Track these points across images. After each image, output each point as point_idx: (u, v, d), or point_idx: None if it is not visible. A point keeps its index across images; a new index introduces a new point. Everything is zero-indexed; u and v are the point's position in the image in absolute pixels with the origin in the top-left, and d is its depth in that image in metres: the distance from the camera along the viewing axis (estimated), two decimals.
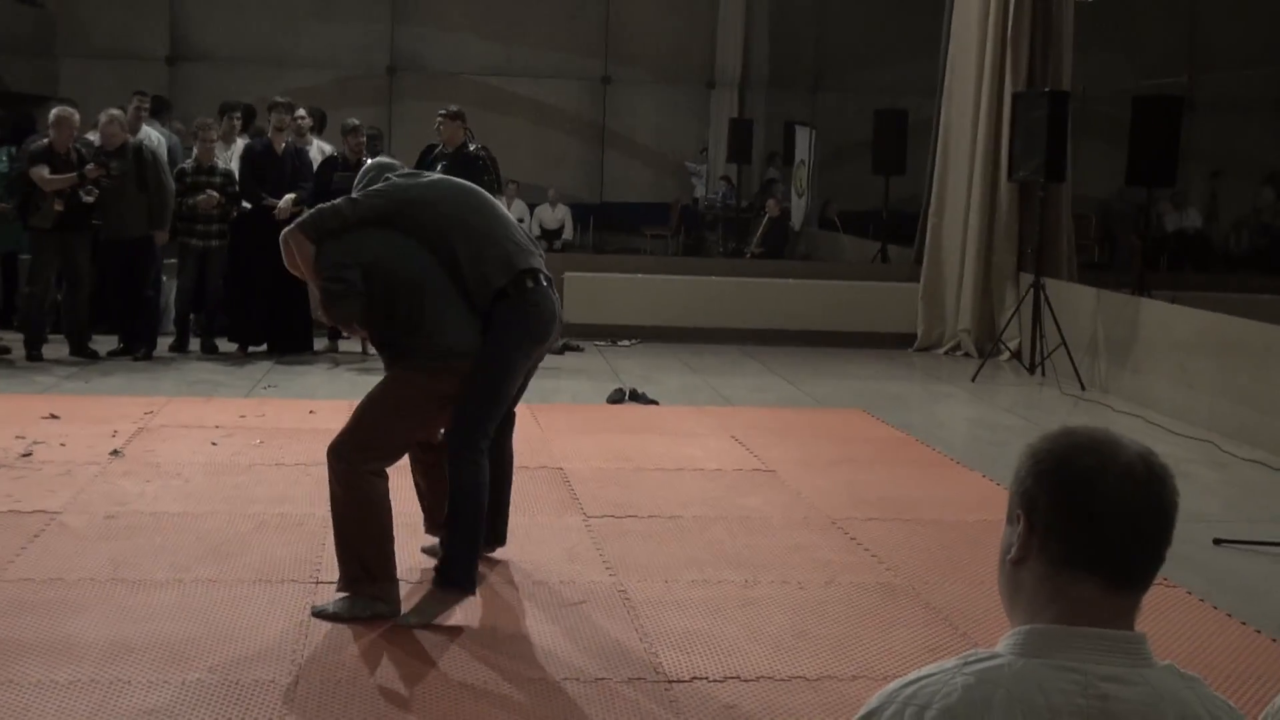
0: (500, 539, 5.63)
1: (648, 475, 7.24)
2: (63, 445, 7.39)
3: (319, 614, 4.90)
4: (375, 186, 5.14)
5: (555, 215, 18.56)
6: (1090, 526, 1.59)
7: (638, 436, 8.20)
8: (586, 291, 12.59)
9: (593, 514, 6.42)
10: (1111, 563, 1.60)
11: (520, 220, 17.68)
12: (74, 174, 10.10)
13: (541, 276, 5.19)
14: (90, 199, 10.13)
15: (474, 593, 5.04)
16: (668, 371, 10.93)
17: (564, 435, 8.14)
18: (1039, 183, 11.33)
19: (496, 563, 5.60)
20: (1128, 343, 10.33)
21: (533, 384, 10.13)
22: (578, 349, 11.89)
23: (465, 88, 19.06)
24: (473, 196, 5.27)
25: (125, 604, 4.99)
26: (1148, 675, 1.58)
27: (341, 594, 4.94)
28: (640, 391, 9.64)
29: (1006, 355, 11.82)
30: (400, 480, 5.29)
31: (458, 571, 4.96)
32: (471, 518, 4.97)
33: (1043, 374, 11.04)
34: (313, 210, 5.11)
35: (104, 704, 4.08)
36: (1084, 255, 15.36)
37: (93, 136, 11.23)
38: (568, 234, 18.67)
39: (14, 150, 10.68)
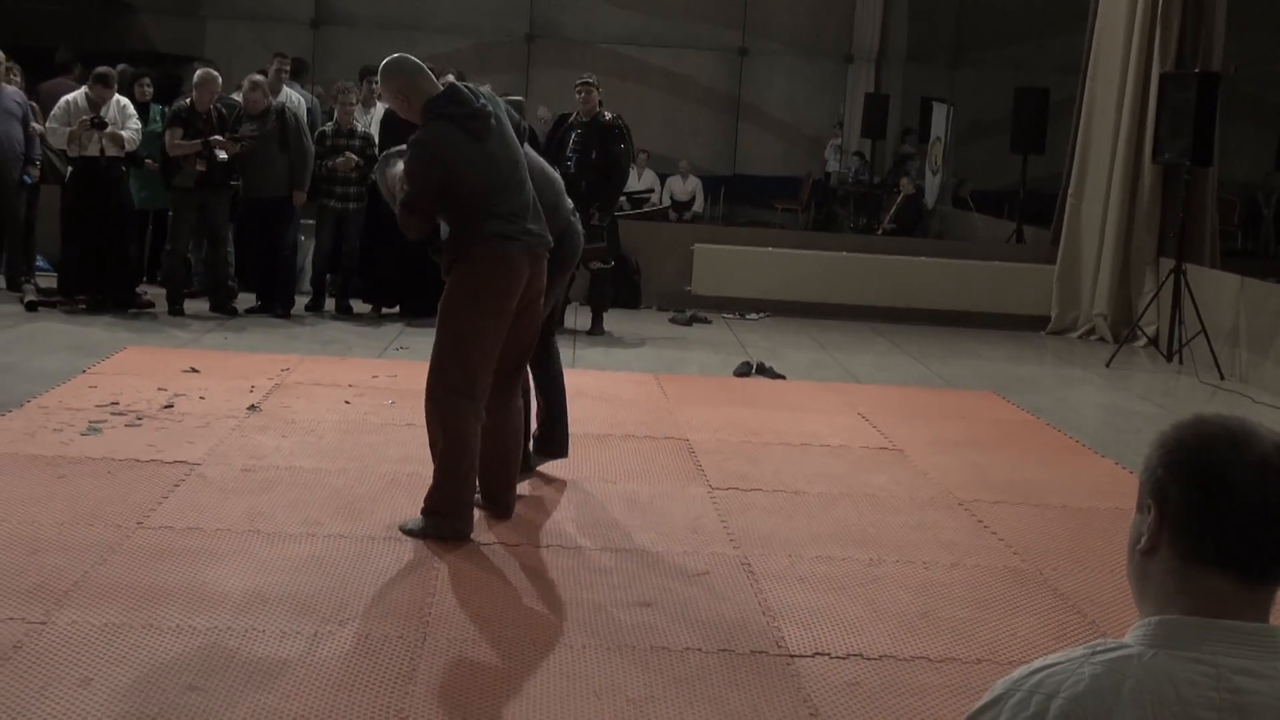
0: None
1: (773, 449, 7.24)
2: (202, 399, 7.60)
3: (404, 530, 5.41)
4: None
5: (686, 187, 18.55)
6: (1223, 520, 1.56)
7: (764, 410, 8.20)
8: (715, 264, 12.59)
9: (717, 486, 6.43)
10: (1245, 557, 1.57)
11: (651, 190, 17.76)
12: (199, 141, 10.33)
13: None
14: (224, 155, 10.35)
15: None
16: (795, 346, 10.89)
17: (690, 406, 8.16)
18: (1184, 166, 11.06)
19: (622, 530, 5.65)
20: (1271, 332, 10.05)
21: (660, 354, 10.25)
22: (705, 321, 11.90)
23: (601, 56, 19.14)
24: None
25: (260, 555, 5.12)
26: None
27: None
28: (767, 365, 9.63)
29: (1143, 341, 11.58)
30: None
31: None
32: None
33: (1180, 362, 10.80)
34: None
35: (239, 651, 4.20)
36: (1227, 241, 15.00)
37: (237, 96, 11.49)
38: (698, 206, 18.65)
39: (165, 109, 10.97)
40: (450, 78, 6.01)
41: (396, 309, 11.13)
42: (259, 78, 11.05)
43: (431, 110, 5.29)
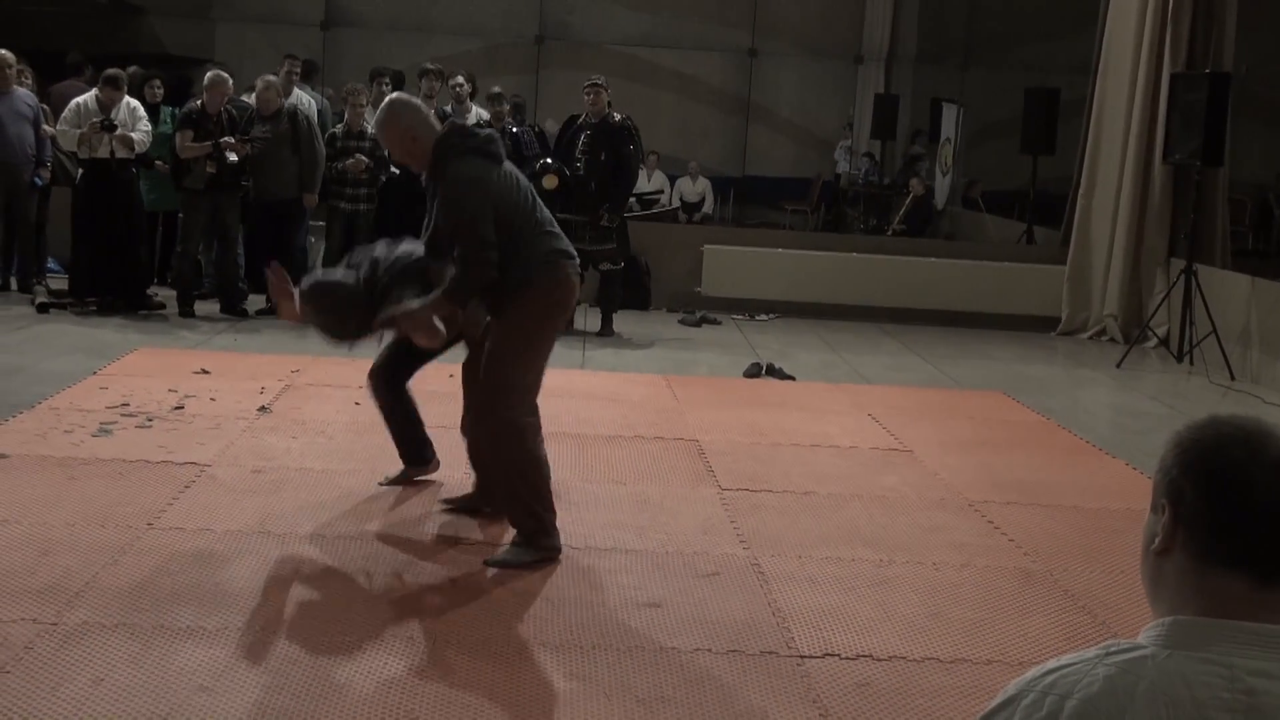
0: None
1: (783, 450, 7.23)
2: (213, 400, 7.61)
3: (493, 564, 5.15)
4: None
5: (696, 188, 18.55)
6: (1238, 522, 1.55)
7: (774, 411, 8.19)
8: (725, 265, 12.58)
9: (727, 487, 6.43)
10: (1260, 559, 1.56)
11: (660, 191, 17.77)
12: (209, 143, 10.34)
13: None
14: (234, 156, 10.36)
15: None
16: (805, 347, 10.88)
17: (700, 408, 8.16)
18: (1195, 166, 11.03)
19: (632, 531, 5.65)
20: None
21: (669, 356, 10.25)
22: (715, 322, 11.90)
23: (611, 58, 19.12)
24: None
25: (271, 556, 5.13)
26: None
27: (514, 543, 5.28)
28: (777, 366, 9.62)
29: (1154, 342, 11.56)
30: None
31: None
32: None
33: (1191, 362, 10.78)
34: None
35: (250, 651, 4.21)
36: (1238, 242, 14.97)
37: (247, 98, 11.51)
38: (708, 207, 18.65)
39: (175, 111, 11.00)
40: (460, 79, 6.00)
41: None
42: (272, 78, 11.07)
43: (451, 148, 5.15)
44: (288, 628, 4.42)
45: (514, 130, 11.45)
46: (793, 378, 9.44)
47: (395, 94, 5.42)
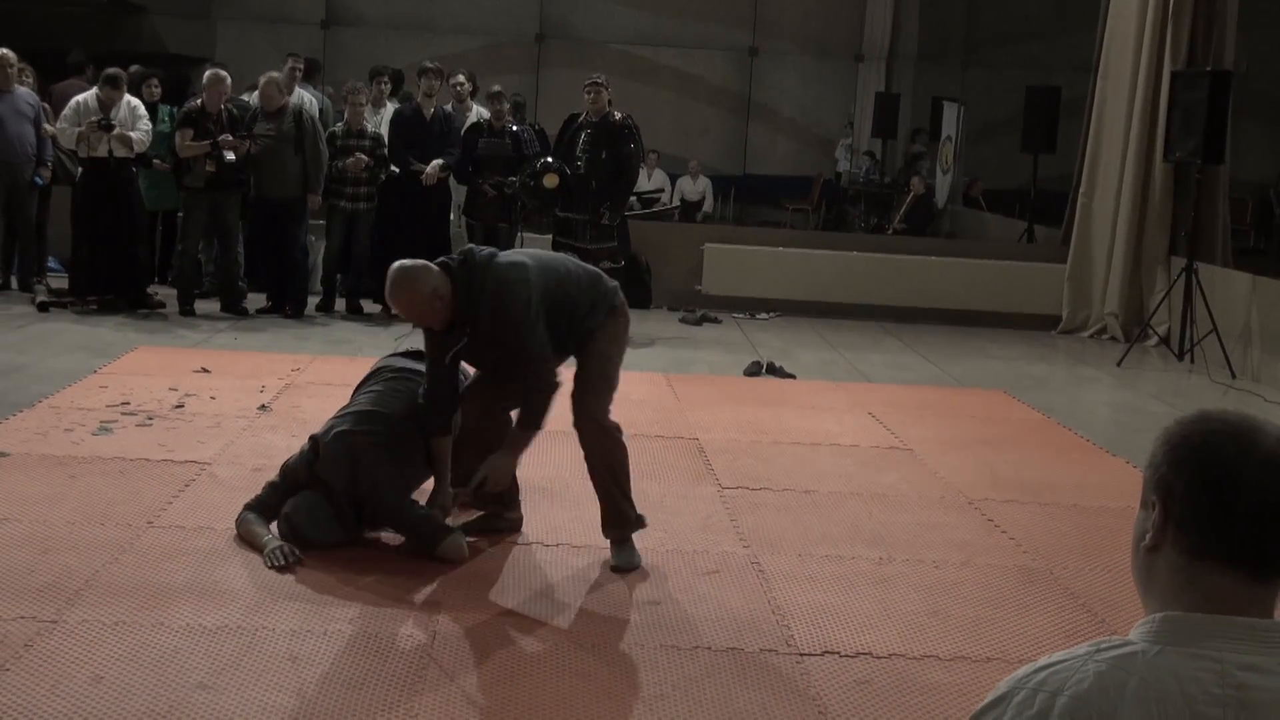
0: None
1: (783, 449, 7.23)
2: (213, 398, 7.62)
3: (620, 569, 5.18)
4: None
5: (696, 187, 18.54)
6: (1228, 519, 1.55)
7: (774, 410, 8.19)
8: (726, 263, 12.58)
9: (727, 485, 6.43)
10: (1249, 554, 1.56)
11: (661, 190, 17.76)
12: (208, 142, 10.34)
13: None
14: (232, 155, 10.36)
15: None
16: (805, 346, 10.88)
17: (700, 406, 8.16)
18: (1195, 165, 11.03)
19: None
20: None
21: (670, 354, 10.25)
22: (715, 321, 11.90)
23: (611, 56, 19.12)
24: None
25: None
26: None
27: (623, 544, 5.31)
28: (778, 365, 9.62)
29: (1154, 340, 11.56)
30: None
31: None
32: None
33: (1191, 361, 10.78)
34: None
35: (250, 649, 4.21)
36: (1239, 240, 14.96)
37: (247, 97, 11.50)
38: (708, 206, 18.64)
39: (174, 110, 11.00)
40: (460, 78, 5.95)
41: None
42: (275, 74, 11.07)
43: (477, 272, 4.99)
44: (287, 626, 4.42)
45: (514, 129, 11.44)
46: (793, 376, 9.44)
47: (397, 264, 5.00)
